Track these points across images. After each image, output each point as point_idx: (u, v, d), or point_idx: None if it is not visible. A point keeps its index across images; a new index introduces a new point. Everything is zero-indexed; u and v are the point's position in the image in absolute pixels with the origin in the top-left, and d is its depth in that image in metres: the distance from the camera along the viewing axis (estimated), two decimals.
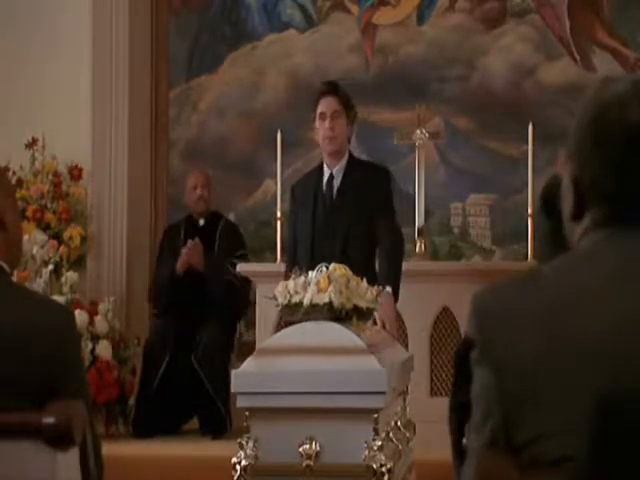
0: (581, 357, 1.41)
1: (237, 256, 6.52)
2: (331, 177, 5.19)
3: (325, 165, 5.24)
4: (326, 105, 5.12)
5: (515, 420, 1.44)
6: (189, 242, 6.53)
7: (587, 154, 1.52)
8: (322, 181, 5.21)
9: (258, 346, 4.34)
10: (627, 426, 1.33)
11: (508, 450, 1.45)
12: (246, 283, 6.47)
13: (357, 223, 5.05)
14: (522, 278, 1.54)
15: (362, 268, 4.83)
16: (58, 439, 2.02)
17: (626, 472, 1.33)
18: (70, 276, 6.55)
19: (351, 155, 5.27)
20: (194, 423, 6.46)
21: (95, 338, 6.34)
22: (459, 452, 1.59)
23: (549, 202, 2.23)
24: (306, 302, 3.53)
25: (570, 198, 1.57)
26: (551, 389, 1.42)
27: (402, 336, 5.79)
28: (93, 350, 6.28)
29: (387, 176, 5.21)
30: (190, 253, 6.50)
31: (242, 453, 3.32)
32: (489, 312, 1.50)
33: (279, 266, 5.98)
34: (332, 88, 5.19)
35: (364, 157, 6.03)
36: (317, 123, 5.16)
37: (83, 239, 6.94)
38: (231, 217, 7.16)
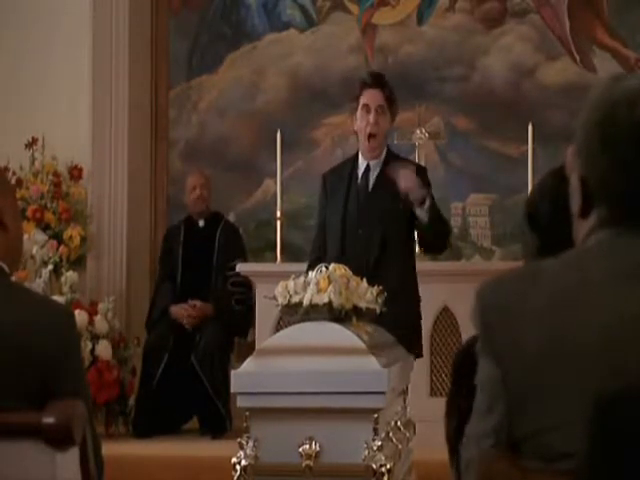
0: (581, 354, 1.41)
1: (233, 267, 6.48)
2: (367, 169, 4.95)
3: (361, 156, 4.98)
4: (371, 98, 4.88)
5: (516, 412, 1.45)
6: (189, 305, 6.54)
7: (595, 153, 1.52)
8: (357, 172, 4.96)
9: (258, 346, 4.34)
10: (626, 423, 1.33)
11: (509, 443, 1.46)
12: (250, 308, 6.47)
13: (393, 220, 4.83)
14: (526, 272, 1.54)
15: (400, 266, 4.79)
16: (58, 439, 2.02)
17: (625, 470, 1.33)
18: (70, 276, 6.55)
19: (389, 149, 5.05)
20: (194, 423, 6.46)
21: (95, 338, 6.34)
22: (457, 457, 1.59)
23: (533, 216, 2.23)
24: (306, 302, 3.53)
25: (578, 196, 1.57)
26: (551, 385, 1.42)
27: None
28: (93, 350, 6.28)
29: (426, 175, 4.97)
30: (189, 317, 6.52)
31: (242, 453, 3.32)
32: (492, 305, 1.51)
33: (279, 266, 5.99)
34: (379, 81, 4.96)
35: None
36: (358, 114, 4.90)
37: (83, 239, 6.94)
38: (231, 217, 7.16)
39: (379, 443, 3.28)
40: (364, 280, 3.79)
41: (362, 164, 4.98)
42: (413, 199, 4.68)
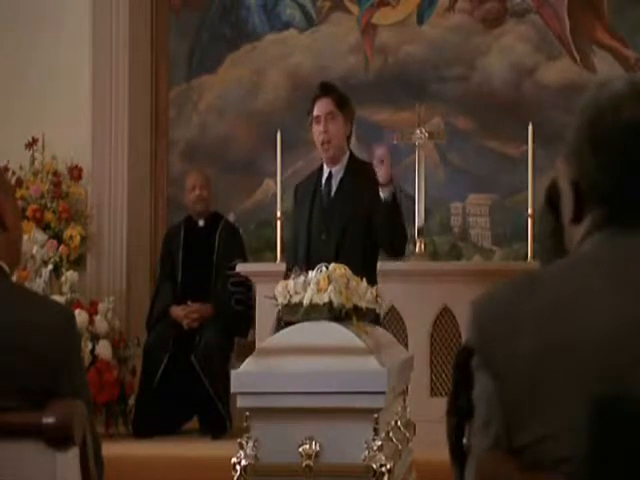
0: (580, 358, 1.41)
1: (233, 267, 6.47)
2: (330, 176, 5.15)
3: (325, 165, 5.20)
4: (320, 107, 5.08)
5: (516, 423, 1.44)
6: (188, 307, 6.54)
7: (585, 157, 1.52)
8: (321, 180, 5.17)
9: (258, 346, 4.34)
10: (626, 427, 1.33)
11: (510, 452, 1.45)
12: (250, 308, 6.47)
13: (353, 223, 4.98)
14: (520, 281, 1.53)
15: (358, 270, 4.83)
16: (58, 439, 2.02)
17: (625, 473, 1.33)
18: (70, 276, 6.55)
19: (352, 154, 5.21)
20: (194, 423, 6.46)
21: (95, 338, 6.34)
22: (458, 455, 1.58)
23: (554, 199, 2.23)
24: (306, 302, 3.53)
25: (569, 201, 1.57)
26: (550, 391, 1.42)
27: (402, 336, 5.79)
28: (93, 350, 6.28)
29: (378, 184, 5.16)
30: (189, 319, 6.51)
31: (242, 453, 3.32)
32: (487, 317, 1.50)
33: (279, 266, 5.98)
34: (325, 90, 5.14)
35: (365, 157, 6.00)
36: (313, 127, 5.12)
37: (83, 239, 6.95)
38: (231, 217, 7.17)
39: (379, 443, 3.28)
40: (363, 280, 3.79)
41: (325, 172, 5.17)
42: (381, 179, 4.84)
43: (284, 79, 7.41)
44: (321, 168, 5.22)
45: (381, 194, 4.87)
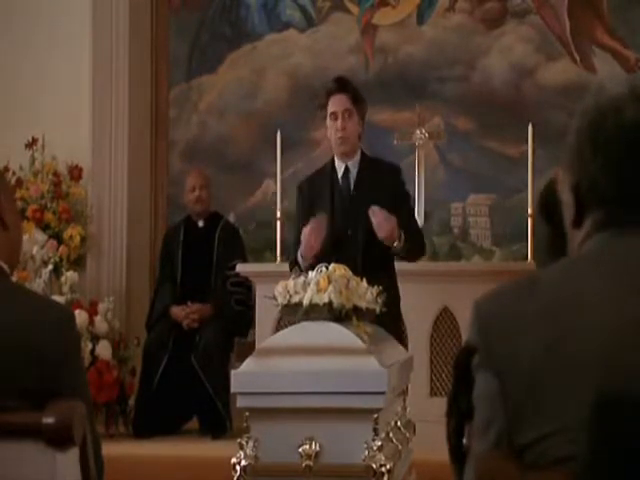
0: (580, 358, 1.41)
1: (233, 267, 6.47)
2: (347, 170, 5.07)
3: (338, 160, 5.11)
4: (337, 104, 5.00)
5: (517, 422, 1.44)
6: (189, 308, 6.53)
7: (586, 158, 1.53)
8: (337, 176, 5.09)
9: (258, 346, 4.34)
10: (626, 427, 1.33)
11: (510, 451, 1.45)
12: (250, 308, 6.47)
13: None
14: (523, 282, 1.54)
15: (381, 265, 4.83)
16: (58, 439, 2.02)
17: (626, 473, 1.33)
18: (70, 276, 6.55)
19: (362, 152, 5.16)
20: (194, 423, 6.46)
21: (95, 338, 6.35)
22: (458, 455, 1.58)
23: (547, 207, 2.23)
24: (306, 302, 3.53)
25: (570, 205, 1.57)
26: (551, 391, 1.42)
27: (402, 336, 5.79)
28: (93, 350, 6.28)
29: (401, 175, 5.14)
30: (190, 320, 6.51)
31: (242, 453, 3.32)
32: (490, 317, 1.50)
33: (279, 266, 5.99)
34: (342, 85, 5.08)
35: None
36: (328, 122, 5.04)
37: (83, 239, 6.95)
38: (231, 217, 7.17)
39: (379, 443, 3.28)
40: (364, 280, 3.79)
41: (340, 167, 5.10)
42: (388, 244, 4.81)
43: (284, 79, 7.42)
44: (332, 165, 5.14)
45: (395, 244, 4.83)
